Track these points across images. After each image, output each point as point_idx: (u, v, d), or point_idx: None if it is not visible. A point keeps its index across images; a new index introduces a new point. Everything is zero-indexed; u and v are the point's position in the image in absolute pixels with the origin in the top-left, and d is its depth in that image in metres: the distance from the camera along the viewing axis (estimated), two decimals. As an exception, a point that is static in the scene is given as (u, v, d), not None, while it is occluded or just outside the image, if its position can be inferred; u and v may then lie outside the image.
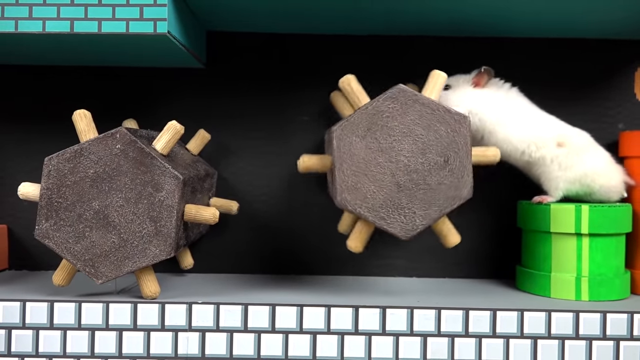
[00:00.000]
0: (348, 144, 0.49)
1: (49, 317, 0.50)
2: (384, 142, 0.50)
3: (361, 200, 0.50)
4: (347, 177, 0.50)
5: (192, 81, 0.65)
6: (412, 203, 0.50)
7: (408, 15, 0.58)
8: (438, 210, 0.50)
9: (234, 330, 0.50)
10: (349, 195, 0.50)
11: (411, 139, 0.50)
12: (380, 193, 0.50)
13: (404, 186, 0.50)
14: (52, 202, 0.49)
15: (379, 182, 0.50)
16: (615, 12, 0.55)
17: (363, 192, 0.50)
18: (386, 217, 0.50)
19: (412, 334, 0.50)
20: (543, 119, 0.58)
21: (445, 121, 0.50)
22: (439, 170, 0.50)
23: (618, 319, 0.50)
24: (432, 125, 0.50)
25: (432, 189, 0.50)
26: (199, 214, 0.51)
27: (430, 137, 0.50)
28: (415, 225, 0.50)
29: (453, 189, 0.50)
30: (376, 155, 0.50)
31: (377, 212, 0.50)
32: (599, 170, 0.57)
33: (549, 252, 0.57)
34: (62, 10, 0.50)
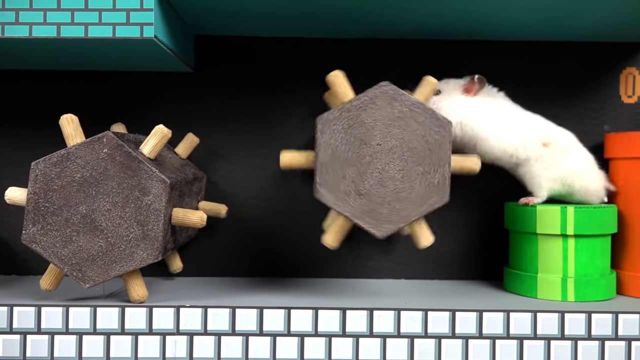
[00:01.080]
0: (328, 138, 0.50)
1: (36, 321, 0.50)
2: (364, 139, 0.50)
3: (340, 196, 0.50)
4: (327, 172, 0.50)
5: (181, 85, 0.65)
6: (390, 203, 0.50)
7: (395, 19, 0.58)
8: (415, 212, 0.50)
9: (222, 333, 0.50)
10: (326, 190, 0.50)
11: (392, 138, 0.50)
12: (359, 191, 0.50)
13: (383, 185, 0.50)
14: (39, 207, 0.49)
15: (358, 179, 0.50)
16: (600, 15, 0.56)
17: (341, 188, 0.50)
18: (363, 215, 0.50)
19: (399, 335, 0.50)
20: (529, 121, 0.59)
21: (428, 123, 0.50)
22: (418, 172, 0.50)
23: (603, 319, 0.50)
24: (414, 126, 0.50)
25: (410, 190, 0.50)
26: (186, 217, 0.52)
27: (411, 137, 0.50)
28: (393, 225, 0.50)
29: (430, 192, 0.50)
30: (355, 151, 0.50)
31: (354, 209, 0.50)
32: (581, 171, 0.58)
33: (535, 253, 0.57)
34: (49, 15, 0.50)
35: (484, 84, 0.58)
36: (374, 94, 0.50)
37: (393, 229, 0.50)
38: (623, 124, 0.65)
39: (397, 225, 0.50)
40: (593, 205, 0.57)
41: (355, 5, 0.54)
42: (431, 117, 0.50)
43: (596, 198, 0.59)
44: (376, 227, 0.50)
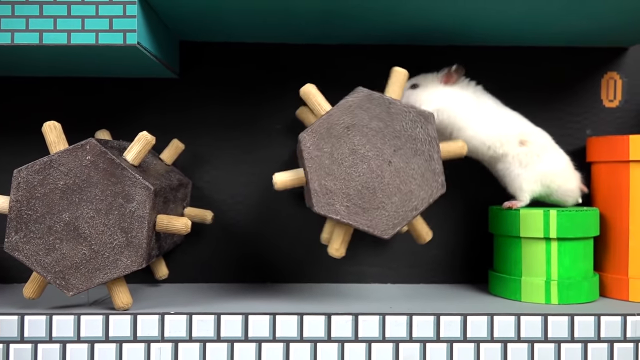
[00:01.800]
0: (316, 151, 0.50)
1: (19, 330, 0.50)
2: (351, 146, 0.50)
3: (337, 205, 0.50)
4: (321, 184, 0.50)
5: (166, 91, 0.65)
6: (387, 203, 0.50)
7: (383, 24, 0.59)
8: (413, 208, 0.50)
9: (207, 340, 0.50)
10: (324, 201, 0.50)
11: (378, 140, 0.50)
12: (354, 197, 0.50)
13: (378, 187, 0.50)
14: (21, 215, 0.49)
15: (352, 186, 0.50)
16: (582, 21, 0.57)
17: (338, 197, 0.50)
18: (364, 219, 0.50)
19: (384, 340, 0.50)
20: (508, 116, 0.59)
21: (410, 119, 0.50)
22: (410, 168, 0.50)
23: (585, 322, 0.51)
24: (397, 124, 0.50)
25: (405, 187, 0.50)
26: (170, 224, 0.51)
27: (396, 136, 0.50)
28: (394, 225, 0.50)
29: (425, 186, 0.50)
30: (345, 159, 0.50)
31: (355, 215, 0.50)
32: (558, 171, 0.58)
33: (519, 257, 0.58)
34: (31, 22, 0.50)
35: (462, 72, 0.59)
36: (351, 102, 0.50)
37: (395, 229, 0.50)
38: (604, 128, 0.66)
39: (399, 224, 0.50)
40: (575, 208, 0.58)
41: (339, 10, 0.54)
42: (412, 112, 0.50)
43: (572, 199, 0.59)
44: (378, 229, 0.50)
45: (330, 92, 0.64)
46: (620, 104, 0.67)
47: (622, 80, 0.67)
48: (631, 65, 0.67)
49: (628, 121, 0.66)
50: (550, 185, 0.58)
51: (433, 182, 0.50)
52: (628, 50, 0.67)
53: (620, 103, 0.67)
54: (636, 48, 0.67)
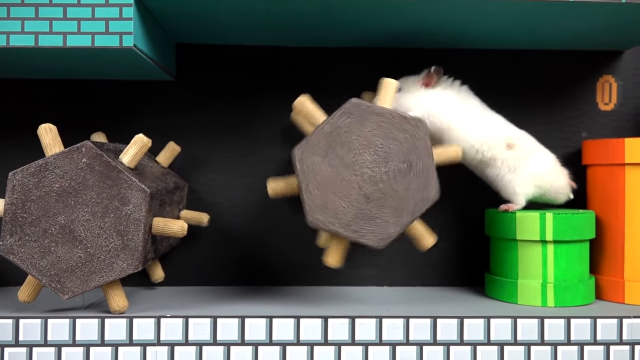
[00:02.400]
0: (310, 164, 0.50)
1: (14, 334, 0.49)
2: (345, 157, 0.50)
3: (332, 218, 0.50)
4: (315, 197, 0.50)
5: (162, 93, 0.65)
6: (383, 212, 0.50)
7: (376, 28, 0.59)
8: (409, 216, 0.50)
9: (203, 343, 0.50)
10: (319, 214, 0.50)
11: (372, 150, 0.50)
12: (350, 207, 0.50)
13: (372, 197, 0.50)
14: (16, 217, 0.49)
15: (347, 197, 0.50)
16: (577, 24, 0.57)
17: (333, 209, 0.50)
18: (359, 229, 0.50)
19: (381, 343, 0.50)
20: (494, 119, 0.60)
21: (402, 128, 0.50)
22: (404, 176, 0.50)
23: (582, 324, 0.51)
24: (390, 133, 0.50)
25: (400, 195, 0.50)
26: (167, 227, 0.51)
27: (390, 145, 0.50)
28: (389, 234, 0.50)
29: (420, 192, 0.50)
30: (340, 171, 0.50)
31: (349, 226, 0.50)
32: (547, 171, 0.59)
33: (515, 260, 0.58)
34: (27, 24, 0.50)
35: (441, 74, 0.59)
36: (344, 111, 0.50)
37: (391, 237, 0.50)
38: (600, 131, 0.67)
39: (395, 232, 0.50)
40: (571, 211, 0.58)
41: (336, 13, 0.54)
42: (403, 120, 0.50)
43: (563, 195, 0.60)
44: (374, 239, 0.50)
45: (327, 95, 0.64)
46: (615, 107, 0.67)
47: (617, 84, 0.67)
48: (626, 68, 0.67)
49: (623, 124, 0.67)
50: (542, 185, 0.58)
51: (427, 189, 0.50)
52: (623, 54, 0.67)
53: (615, 106, 0.67)
54: (631, 51, 0.67)
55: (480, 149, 0.58)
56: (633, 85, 0.67)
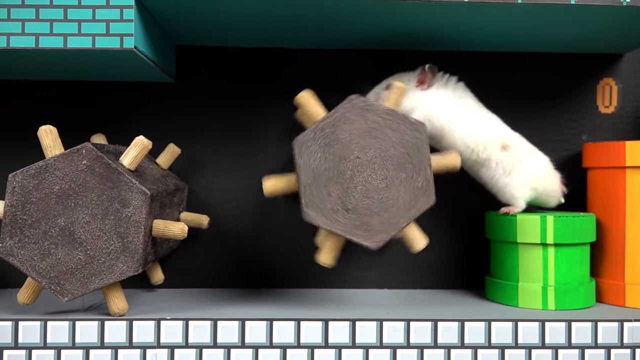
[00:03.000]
0: (307, 159, 0.50)
1: (13, 336, 0.49)
2: (342, 155, 0.50)
3: (326, 215, 0.50)
4: (311, 192, 0.50)
5: (163, 95, 0.65)
6: (378, 213, 0.50)
7: (377, 30, 0.59)
8: (404, 218, 0.50)
9: (204, 346, 0.50)
10: (313, 210, 0.50)
11: (369, 149, 0.50)
12: (345, 206, 0.50)
13: (368, 196, 0.50)
14: (16, 219, 0.49)
15: (343, 195, 0.50)
16: (578, 27, 0.57)
17: (328, 207, 0.50)
18: (354, 229, 0.50)
19: (382, 346, 0.50)
20: (489, 119, 0.59)
21: (402, 129, 0.50)
22: (401, 179, 0.50)
23: (583, 328, 0.51)
24: (388, 133, 0.50)
25: (396, 197, 0.50)
26: (167, 229, 0.51)
27: (388, 146, 0.50)
28: (383, 235, 0.50)
29: (416, 196, 0.50)
30: (336, 168, 0.50)
31: (344, 225, 0.50)
32: (541, 173, 0.59)
33: (516, 262, 0.58)
34: (27, 25, 0.50)
35: (436, 72, 0.58)
36: (345, 109, 0.50)
37: (385, 239, 0.50)
38: (600, 133, 0.67)
39: (389, 234, 0.50)
40: (572, 214, 0.58)
41: (337, 16, 0.54)
42: (404, 122, 0.50)
43: (554, 199, 0.60)
44: (369, 240, 0.50)
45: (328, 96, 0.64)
46: (615, 110, 0.67)
47: (617, 87, 0.67)
48: (627, 71, 0.67)
49: (624, 127, 0.67)
50: (537, 188, 0.58)
51: (422, 194, 0.50)
52: (624, 57, 0.67)
53: (615, 109, 0.67)
54: (632, 54, 0.67)
55: (475, 149, 0.57)
56: (633, 88, 0.67)
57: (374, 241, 0.50)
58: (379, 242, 0.50)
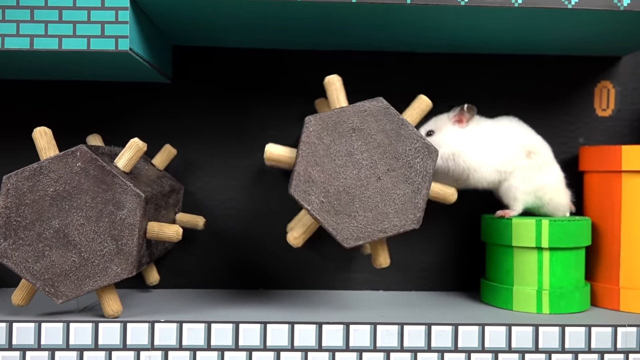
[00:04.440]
0: (315, 138, 0.49)
1: (7, 337, 0.49)
2: (349, 148, 0.50)
3: (313, 197, 0.49)
4: (306, 171, 0.49)
5: (159, 96, 0.65)
6: (360, 215, 0.50)
7: (377, 31, 0.59)
8: (383, 230, 0.50)
9: (197, 348, 0.50)
10: (302, 188, 0.49)
11: (376, 153, 0.50)
12: (332, 196, 0.50)
13: (356, 196, 0.50)
14: (10, 221, 0.49)
15: (334, 185, 0.50)
16: (576, 30, 0.57)
17: (316, 190, 0.49)
18: (332, 219, 0.50)
19: (376, 349, 0.50)
20: (512, 132, 0.59)
21: (414, 147, 0.50)
22: (395, 192, 0.50)
23: (576, 332, 0.51)
24: (400, 146, 0.50)
25: (383, 207, 0.50)
26: (161, 231, 0.51)
27: (395, 157, 0.50)
28: (358, 237, 0.50)
29: (402, 215, 0.50)
30: (338, 158, 0.50)
31: (325, 212, 0.50)
32: (552, 185, 0.59)
33: (511, 266, 0.58)
34: (22, 26, 0.49)
35: (474, 112, 0.58)
36: (367, 107, 0.50)
37: (359, 242, 0.50)
38: (597, 137, 0.66)
39: (365, 239, 0.50)
40: (567, 218, 0.58)
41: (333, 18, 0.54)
42: (419, 141, 0.50)
43: (561, 213, 0.60)
44: (344, 236, 0.50)
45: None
46: (613, 113, 0.67)
47: (615, 90, 0.67)
48: (624, 74, 0.67)
49: (621, 130, 0.66)
50: (543, 197, 0.58)
51: (411, 214, 0.50)
52: (621, 60, 0.67)
53: (613, 112, 0.67)
54: (629, 57, 0.67)
55: (505, 171, 0.58)
56: (631, 92, 0.67)
57: (346, 239, 0.49)
58: (350, 242, 0.49)
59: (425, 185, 0.50)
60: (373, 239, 0.50)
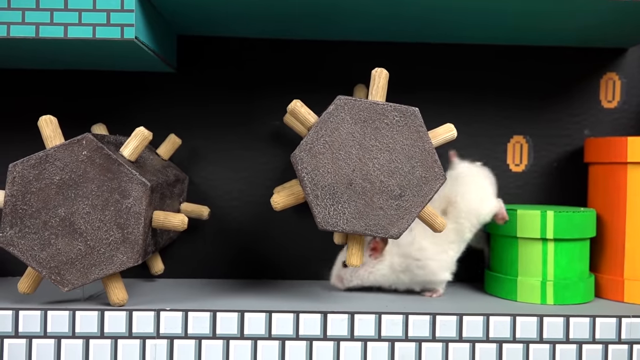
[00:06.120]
0: (339, 119, 0.49)
1: (13, 325, 0.49)
2: (368, 140, 0.49)
3: (311, 169, 0.49)
4: (317, 143, 0.49)
5: (163, 85, 0.65)
6: (349, 206, 0.49)
7: (381, 21, 0.58)
8: (363, 228, 0.49)
9: (203, 337, 0.50)
10: (304, 158, 0.49)
11: (388, 156, 0.49)
12: (331, 176, 0.49)
13: (354, 189, 0.49)
14: (16, 209, 0.49)
15: (338, 168, 0.49)
16: (581, 21, 0.57)
17: (317, 165, 0.49)
18: (320, 198, 0.49)
19: (380, 339, 0.50)
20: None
21: (425, 163, 0.49)
22: (390, 197, 0.49)
23: (580, 323, 0.51)
24: (411, 158, 0.49)
25: (372, 207, 0.49)
26: (167, 220, 0.51)
27: (403, 166, 0.49)
28: (337, 225, 0.49)
29: (388, 221, 0.49)
30: (355, 144, 0.49)
31: (316, 189, 0.49)
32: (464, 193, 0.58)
33: (515, 257, 0.58)
34: (27, 14, 0.49)
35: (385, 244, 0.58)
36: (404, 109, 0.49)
37: (334, 229, 0.49)
38: (603, 128, 0.66)
39: (340, 228, 0.49)
40: (572, 209, 0.58)
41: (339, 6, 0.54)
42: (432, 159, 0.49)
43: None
44: (321, 218, 0.49)
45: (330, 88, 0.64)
46: (618, 105, 0.67)
47: (621, 81, 0.67)
48: (630, 66, 0.66)
49: (627, 122, 0.66)
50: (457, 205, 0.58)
51: (431, 173, 0.49)
52: (627, 51, 0.67)
53: (618, 104, 0.67)
54: (635, 49, 0.67)
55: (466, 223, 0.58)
56: (637, 83, 0.67)
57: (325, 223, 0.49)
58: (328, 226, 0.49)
59: (426, 142, 0.49)
60: (351, 232, 0.49)
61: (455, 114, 0.65)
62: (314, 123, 0.50)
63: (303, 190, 0.50)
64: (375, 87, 0.50)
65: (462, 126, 0.65)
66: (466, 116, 0.65)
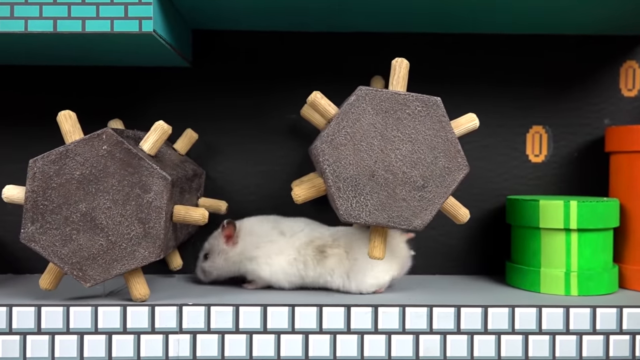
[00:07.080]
0: (360, 110, 0.48)
1: (36, 321, 0.49)
2: (390, 131, 0.49)
3: (332, 160, 0.49)
4: (338, 134, 0.48)
5: (179, 80, 0.64)
6: (371, 197, 0.49)
7: (392, 12, 0.58)
8: (386, 220, 0.49)
9: (226, 331, 0.50)
10: (326, 150, 0.48)
11: (410, 147, 0.49)
12: (353, 168, 0.49)
13: (376, 180, 0.49)
14: (37, 205, 0.49)
15: (360, 159, 0.49)
16: (600, 8, 0.56)
17: (339, 157, 0.49)
18: (342, 190, 0.49)
19: (404, 332, 0.50)
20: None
21: (448, 153, 0.49)
22: (413, 188, 0.49)
23: (607, 314, 0.50)
24: (433, 149, 0.49)
25: (395, 199, 0.49)
26: (188, 214, 0.51)
27: (425, 156, 0.49)
28: (360, 217, 0.49)
29: (411, 212, 0.49)
30: (377, 135, 0.49)
31: (338, 181, 0.49)
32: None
33: (538, 248, 0.57)
34: (45, 9, 0.49)
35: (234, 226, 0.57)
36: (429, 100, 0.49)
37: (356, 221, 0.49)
38: (623, 117, 0.65)
39: (363, 220, 0.49)
40: (596, 199, 0.57)
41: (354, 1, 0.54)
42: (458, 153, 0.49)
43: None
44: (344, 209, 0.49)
45: (344, 81, 0.64)
46: (639, 93, 0.66)
47: (641, 69, 0.66)
48: (651, 53, 0.66)
49: (647, 111, 0.65)
50: None
51: (454, 163, 0.49)
52: (648, 39, 0.66)
53: (639, 92, 0.66)
54: (656, 36, 0.66)
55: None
56: (657, 71, 0.66)
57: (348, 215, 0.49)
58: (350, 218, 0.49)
59: (449, 132, 0.49)
60: (373, 224, 0.49)
61: (473, 104, 0.65)
62: (335, 114, 0.49)
63: (325, 183, 0.49)
64: (396, 77, 0.50)
65: (481, 116, 0.64)
66: (485, 106, 0.65)
